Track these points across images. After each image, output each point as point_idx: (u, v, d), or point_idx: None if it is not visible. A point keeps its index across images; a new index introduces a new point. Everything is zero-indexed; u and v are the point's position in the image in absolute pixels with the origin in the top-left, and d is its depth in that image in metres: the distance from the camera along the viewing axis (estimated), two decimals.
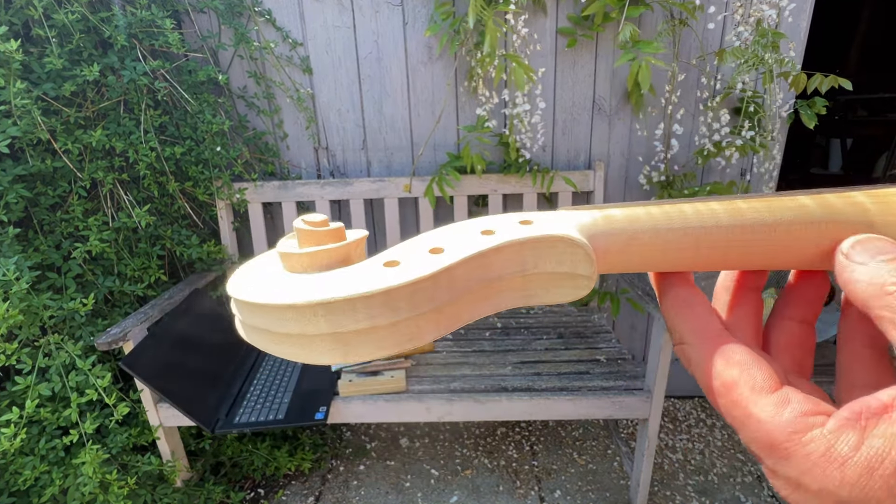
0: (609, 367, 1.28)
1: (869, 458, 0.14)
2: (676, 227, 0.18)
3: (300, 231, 0.18)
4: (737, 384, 0.17)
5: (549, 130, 1.55)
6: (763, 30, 1.22)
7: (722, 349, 0.18)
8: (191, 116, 1.37)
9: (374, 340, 0.15)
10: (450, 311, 0.16)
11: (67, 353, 1.07)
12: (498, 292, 0.17)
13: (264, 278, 0.17)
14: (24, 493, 1.05)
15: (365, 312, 0.15)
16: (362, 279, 0.15)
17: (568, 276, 0.17)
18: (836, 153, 3.17)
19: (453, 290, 0.16)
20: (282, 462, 1.42)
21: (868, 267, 0.16)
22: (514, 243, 0.17)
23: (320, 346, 0.15)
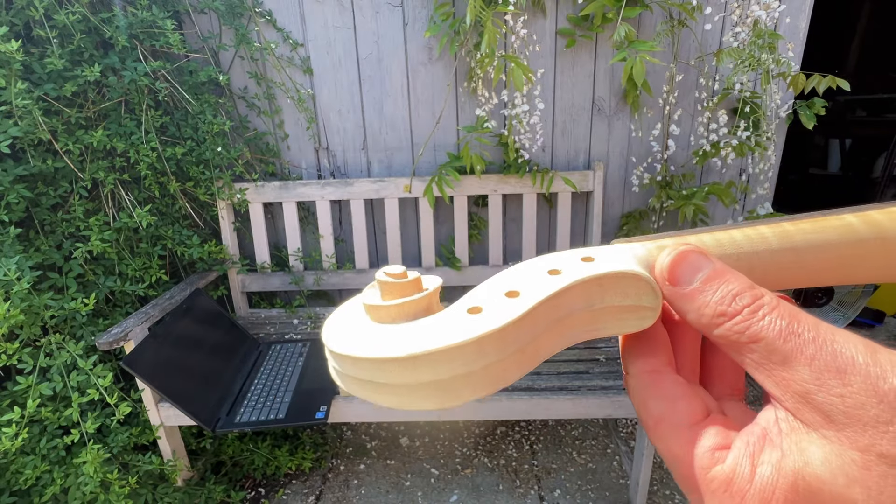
0: (608, 367, 1.28)
1: (762, 489, 0.14)
2: (729, 252, 0.18)
3: (383, 283, 0.19)
4: (662, 419, 0.17)
5: (548, 131, 1.56)
6: (760, 31, 1.22)
7: (657, 382, 0.18)
8: (192, 117, 1.38)
9: (469, 384, 0.16)
10: (531, 350, 0.17)
11: (69, 353, 1.08)
12: (570, 328, 0.18)
13: (359, 330, 0.18)
14: (25, 493, 1.05)
15: (461, 360, 0.16)
16: (454, 329, 0.16)
17: (633, 309, 0.18)
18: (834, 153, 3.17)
19: (533, 330, 0.17)
20: (282, 461, 1.42)
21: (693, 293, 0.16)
22: (582, 282, 0.18)
23: (421, 393, 0.16)
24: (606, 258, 0.19)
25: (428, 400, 0.16)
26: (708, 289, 0.16)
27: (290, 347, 1.42)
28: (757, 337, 0.15)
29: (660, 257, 0.18)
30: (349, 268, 1.64)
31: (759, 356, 0.15)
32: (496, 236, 1.59)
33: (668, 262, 0.17)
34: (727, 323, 0.16)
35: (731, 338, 0.16)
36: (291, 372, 1.32)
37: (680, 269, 0.17)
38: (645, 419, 0.18)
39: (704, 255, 0.17)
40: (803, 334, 0.14)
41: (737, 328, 0.15)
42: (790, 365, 0.14)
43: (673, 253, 0.17)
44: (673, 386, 0.18)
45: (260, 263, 1.63)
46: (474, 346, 0.16)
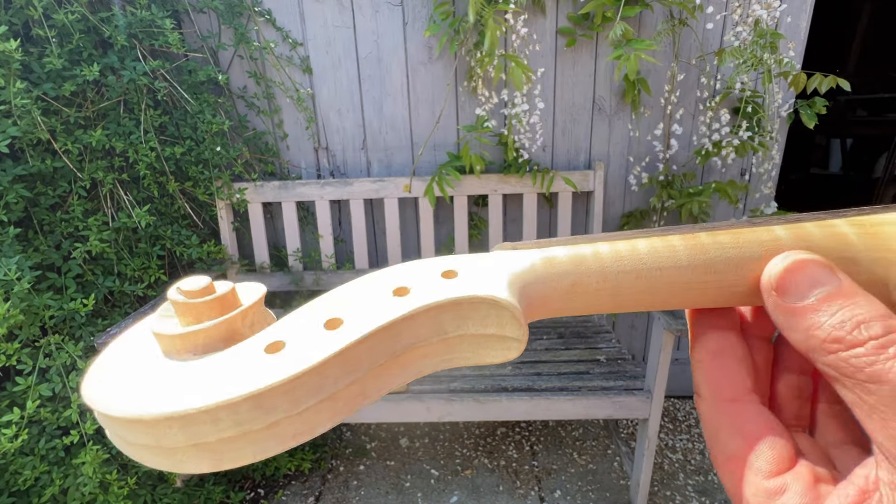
0: (609, 367, 1.28)
1: None
2: (628, 269, 0.16)
3: (175, 304, 0.15)
4: (736, 458, 0.15)
5: (548, 130, 1.55)
6: (761, 30, 1.22)
7: (735, 414, 0.16)
8: (191, 116, 1.37)
9: (248, 445, 0.13)
10: (348, 394, 0.14)
11: (68, 354, 1.07)
12: (414, 360, 0.15)
13: (126, 369, 0.14)
14: (24, 493, 1.04)
15: (230, 420, 0.12)
16: (229, 378, 0.13)
17: (495, 339, 0.15)
18: (836, 153, 3.17)
19: (351, 372, 0.14)
20: (282, 462, 1.42)
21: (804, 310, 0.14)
22: (429, 308, 0.14)
23: (184, 456, 0.13)
24: (472, 275, 0.15)
25: (196, 464, 0.13)
26: (826, 308, 0.14)
27: None
28: (881, 378, 0.12)
29: (772, 262, 0.15)
30: (349, 268, 1.64)
31: (877, 400, 0.12)
32: (496, 236, 1.59)
33: (780, 268, 0.15)
34: (844, 353, 0.13)
35: (845, 371, 0.13)
36: None
37: (795, 279, 0.14)
38: (715, 453, 0.16)
39: (831, 268, 0.14)
40: None
41: (855, 361, 0.13)
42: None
43: (789, 259, 0.15)
44: (756, 420, 0.16)
45: (259, 263, 1.63)
46: (249, 403, 0.12)
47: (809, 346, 0.14)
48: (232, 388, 0.12)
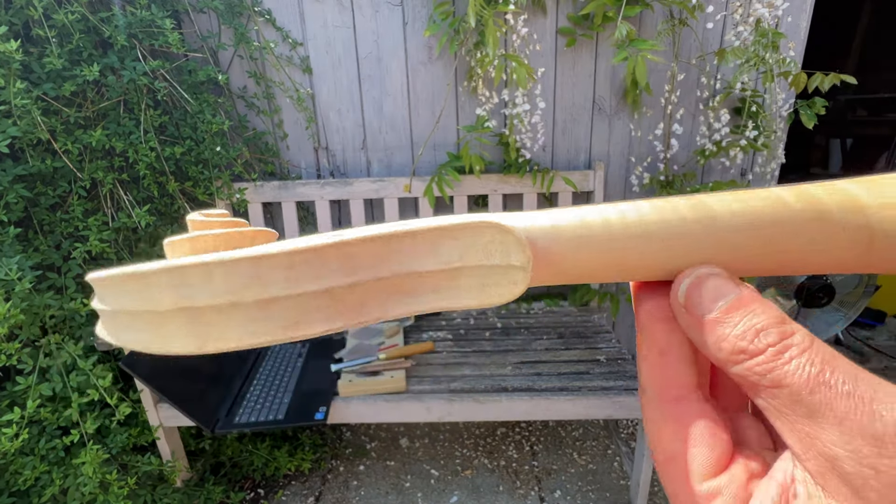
0: (609, 367, 1.28)
1: None
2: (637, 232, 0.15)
3: (192, 221, 0.16)
4: (675, 460, 0.16)
5: (548, 130, 1.55)
6: (763, 30, 1.22)
7: (679, 414, 0.16)
8: (191, 116, 1.37)
9: (237, 322, 0.12)
10: (349, 299, 0.13)
11: (69, 354, 1.07)
12: (414, 288, 0.15)
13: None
14: (24, 494, 1.04)
15: (223, 282, 0.12)
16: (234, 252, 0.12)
17: (499, 270, 0.15)
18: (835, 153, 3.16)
19: (352, 273, 0.13)
20: (282, 462, 1.42)
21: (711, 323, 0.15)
22: (432, 229, 0.14)
23: (172, 325, 0.12)
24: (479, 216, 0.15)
25: (182, 337, 0.12)
26: (728, 320, 0.14)
27: (290, 348, 1.42)
28: (780, 382, 0.13)
29: (676, 281, 0.16)
30: None
31: (781, 404, 0.13)
32: None
33: (686, 286, 0.15)
34: (747, 362, 0.14)
35: (751, 379, 0.14)
36: (291, 372, 1.31)
37: (699, 294, 0.15)
38: (657, 451, 0.16)
39: (730, 280, 0.15)
40: (836, 386, 0.12)
41: (758, 369, 0.14)
42: (816, 421, 0.12)
43: (693, 275, 0.15)
44: (696, 421, 0.16)
45: None
46: (247, 265, 0.12)
47: (720, 357, 0.15)
48: (230, 253, 0.12)
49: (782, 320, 0.14)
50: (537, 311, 1.62)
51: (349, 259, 0.13)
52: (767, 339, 0.14)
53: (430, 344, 1.38)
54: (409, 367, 1.29)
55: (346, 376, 1.24)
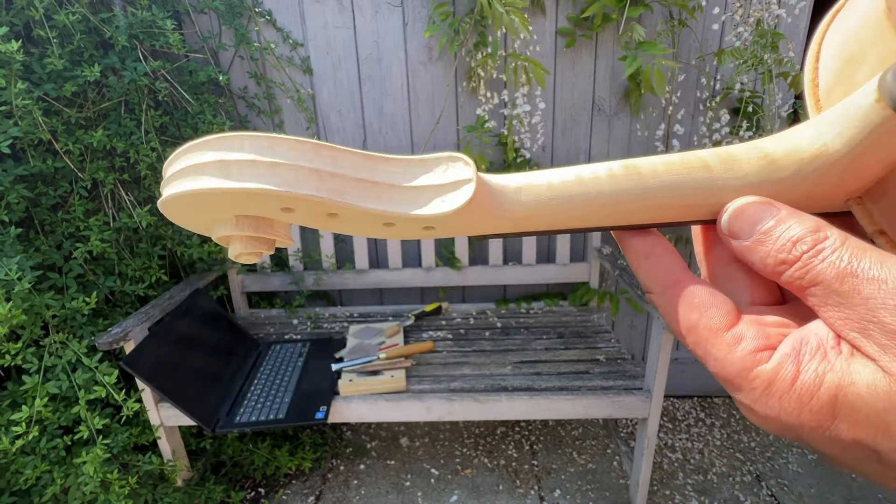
0: (608, 367, 1.28)
1: (801, 393, 0.15)
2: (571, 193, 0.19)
3: None
4: (697, 327, 0.18)
5: (548, 131, 1.56)
6: (762, 30, 1.22)
7: (683, 294, 0.19)
8: (191, 117, 1.38)
9: (253, 174, 0.17)
10: (331, 182, 0.18)
11: (73, 352, 1.08)
12: (387, 194, 0.19)
13: None
14: (24, 493, 1.05)
15: (250, 148, 0.17)
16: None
17: (453, 185, 0.19)
18: None
19: (336, 165, 0.18)
20: (282, 461, 1.42)
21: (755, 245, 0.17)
22: (403, 159, 0.19)
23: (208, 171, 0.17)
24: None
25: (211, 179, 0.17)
26: (769, 238, 0.16)
27: (290, 347, 1.42)
28: (815, 280, 0.15)
29: (723, 213, 0.18)
30: (349, 268, 1.64)
31: (821, 299, 0.15)
32: (496, 237, 1.59)
33: (727, 218, 0.18)
34: (788, 271, 0.16)
35: (795, 284, 0.16)
36: (291, 372, 1.32)
37: (740, 223, 0.17)
38: (678, 330, 0.19)
39: (768, 204, 0.17)
40: (862, 273, 0.14)
41: (797, 274, 0.16)
42: (848, 305, 0.15)
43: (733, 207, 0.18)
44: (700, 294, 0.18)
45: (259, 263, 1.63)
46: (266, 141, 0.17)
47: (767, 272, 0.17)
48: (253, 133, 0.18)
49: (817, 228, 0.16)
50: (537, 311, 1.62)
51: (335, 159, 0.18)
52: (802, 247, 0.16)
53: (430, 343, 1.39)
54: (409, 366, 1.30)
55: (347, 376, 1.24)
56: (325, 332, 1.53)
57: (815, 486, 1.43)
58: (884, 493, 1.39)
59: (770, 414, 0.16)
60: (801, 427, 0.15)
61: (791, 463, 1.53)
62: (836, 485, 1.43)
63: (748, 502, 1.39)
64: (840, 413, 0.14)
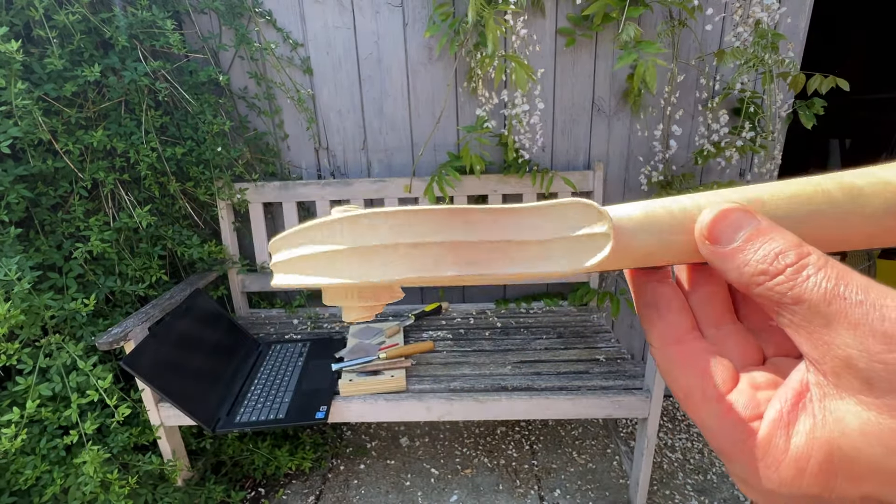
0: (608, 367, 1.28)
1: (797, 460, 0.14)
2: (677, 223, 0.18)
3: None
4: (692, 393, 0.17)
5: (548, 131, 1.56)
6: (762, 31, 1.22)
7: (682, 353, 0.18)
8: (192, 117, 1.38)
9: (395, 260, 0.17)
10: (466, 250, 0.17)
11: (68, 354, 1.08)
12: (516, 253, 0.18)
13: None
14: (25, 493, 1.05)
15: (387, 229, 0.17)
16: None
17: (586, 238, 0.18)
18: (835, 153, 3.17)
19: (469, 230, 0.17)
20: (282, 461, 1.42)
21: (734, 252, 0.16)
22: (528, 207, 0.18)
23: (344, 260, 0.17)
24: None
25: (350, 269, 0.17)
26: (749, 247, 0.16)
27: (290, 347, 1.43)
28: (799, 298, 0.14)
29: (700, 216, 0.17)
30: None
31: (801, 318, 0.14)
32: None
33: (707, 220, 0.17)
34: (769, 282, 0.15)
35: (773, 297, 0.15)
36: (291, 372, 1.32)
37: (720, 227, 0.17)
38: (675, 391, 0.18)
39: (749, 212, 0.16)
40: (850, 297, 0.14)
41: (779, 288, 0.15)
42: (833, 328, 0.14)
43: (714, 211, 0.17)
44: (699, 357, 0.18)
45: (260, 263, 1.63)
46: (403, 216, 0.17)
47: (742, 281, 0.16)
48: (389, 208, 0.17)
49: (799, 244, 0.15)
50: (537, 311, 1.63)
51: (467, 220, 0.17)
52: (786, 259, 0.15)
53: (431, 343, 1.39)
54: (409, 366, 1.30)
55: (347, 375, 1.24)
56: (325, 332, 1.53)
57: None
58: None
59: (770, 487, 0.15)
60: (804, 497, 0.14)
61: None
62: None
63: (748, 502, 1.39)
64: (840, 471, 0.14)
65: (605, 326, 1.51)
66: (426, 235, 0.17)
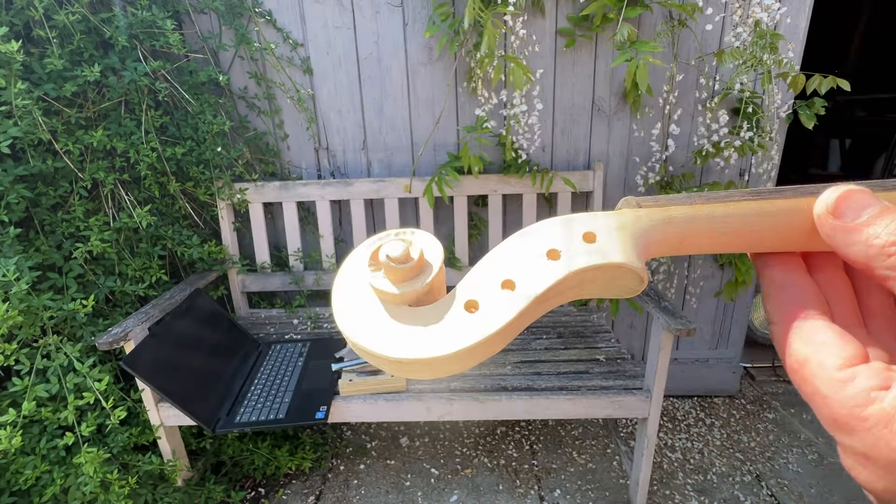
0: (608, 367, 1.28)
1: None
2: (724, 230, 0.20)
3: (387, 268, 0.20)
4: (808, 361, 0.17)
5: (548, 131, 1.56)
6: (761, 31, 1.22)
7: (799, 327, 0.18)
8: (192, 117, 1.38)
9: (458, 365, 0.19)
10: (515, 326, 0.19)
11: (66, 355, 1.07)
12: (554, 301, 0.20)
13: (366, 315, 0.20)
14: (24, 493, 1.05)
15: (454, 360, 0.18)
16: (453, 334, 0.18)
17: (622, 286, 0.20)
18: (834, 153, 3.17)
19: (521, 318, 0.19)
20: (282, 461, 1.42)
21: (860, 227, 0.16)
22: (577, 272, 0.19)
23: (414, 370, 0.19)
24: (608, 238, 0.19)
25: (420, 374, 0.19)
26: (879, 223, 0.16)
27: (290, 347, 1.42)
28: None
29: (824, 194, 0.18)
30: None
31: None
32: (496, 236, 1.59)
33: (834, 196, 0.17)
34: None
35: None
36: (291, 372, 1.32)
37: (847, 203, 0.17)
38: (789, 363, 0.18)
39: (871, 194, 0.17)
40: None
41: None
42: None
43: (840, 189, 0.17)
44: (822, 331, 0.17)
45: (260, 263, 1.63)
46: (469, 348, 0.18)
47: (869, 255, 0.16)
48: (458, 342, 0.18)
49: None
50: None
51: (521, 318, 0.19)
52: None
53: None
54: None
55: (347, 375, 1.24)
56: (325, 332, 1.53)
57: (815, 486, 1.43)
58: None
59: (893, 456, 0.14)
60: None
61: (791, 463, 1.53)
62: (836, 485, 1.43)
63: (748, 502, 1.39)
64: None
65: (605, 326, 1.51)
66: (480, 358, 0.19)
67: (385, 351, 0.18)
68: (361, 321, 0.20)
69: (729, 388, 1.84)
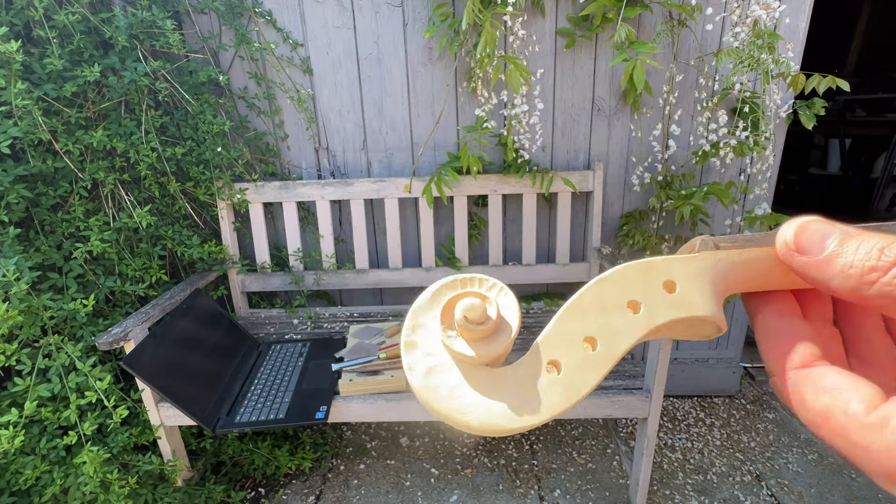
0: None
1: None
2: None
3: (463, 327, 0.19)
4: (831, 413, 0.15)
5: (548, 131, 1.56)
6: (759, 31, 1.22)
7: (809, 377, 0.16)
8: (192, 117, 1.38)
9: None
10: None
11: (67, 355, 1.08)
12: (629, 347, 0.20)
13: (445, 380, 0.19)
14: (24, 493, 1.05)
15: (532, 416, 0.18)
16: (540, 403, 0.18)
17: (697, 334, 0.20)
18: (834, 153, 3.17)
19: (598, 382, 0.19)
20: (282, 461, 1.42)
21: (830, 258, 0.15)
22: (658, 326, 0.19)
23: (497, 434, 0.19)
24: (689, 285, 0.19)
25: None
26: (847, 249, 0.15)
27: (290, 347, 1.43)
28: None
29: (781, 231, 0.17)
30: (349, 268, 1.65)
31: None
32: (496, 236, 1.59)
33: (791, 233, 0.17)
34: (884, 277, 0.14)
35: (891, 293, 0.14)
36: (291, 372, 1.32)
37: (806, 237, 0.16)
38: (810, 419, 0.16)
39: (828, 222, 0.16)
40: None
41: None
42: None
43: (794, 225, 0.17)
44: (834, 375, 0.16)
45: (260, 263, 1.63)
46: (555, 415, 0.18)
47: (851, 285, 0.15)
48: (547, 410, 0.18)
49: (893, 239, 0.15)
50: (537, 311, 1.63)
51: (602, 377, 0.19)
52: (893, 251, 0.14)
53: None
54: None
55: (347, 375, 1.24)
56: (325, 332, 1.53)
57: (815, 486, 1.43)
58: (884, 493, 1.39)
59: None
60: None
61: (791, 463, 1.53)
62: (836, 485, 1.43)
63: (748, 502, 1.39)
64: None
65: None
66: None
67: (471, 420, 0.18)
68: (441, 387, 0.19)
69: (729, 388, 1.84)
